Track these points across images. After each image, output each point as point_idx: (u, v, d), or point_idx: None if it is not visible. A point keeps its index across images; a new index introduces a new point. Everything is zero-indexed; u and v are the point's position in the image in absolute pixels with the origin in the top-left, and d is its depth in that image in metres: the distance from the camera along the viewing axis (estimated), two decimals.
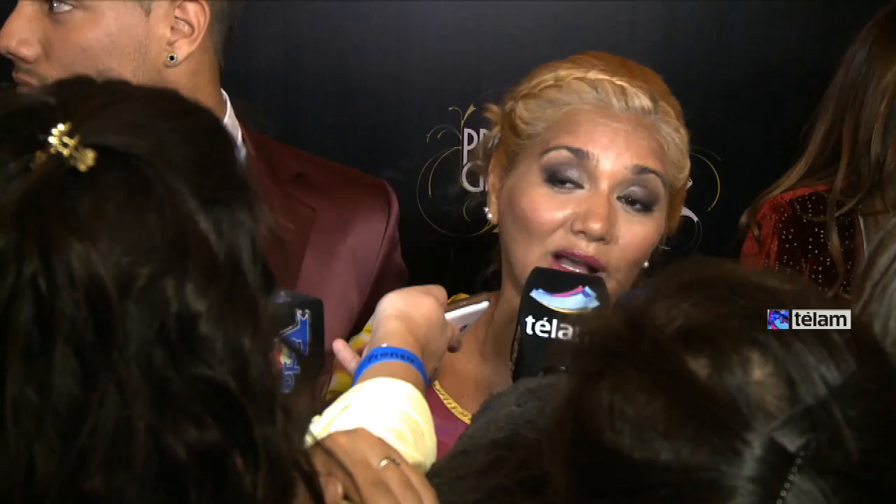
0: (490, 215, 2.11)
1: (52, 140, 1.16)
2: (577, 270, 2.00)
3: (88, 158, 1.15)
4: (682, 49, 3.03)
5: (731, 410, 1.15)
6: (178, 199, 1.17)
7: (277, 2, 2.18)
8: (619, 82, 2.03)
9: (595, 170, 2.01)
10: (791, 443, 1.14)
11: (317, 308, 1.79)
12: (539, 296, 1.87)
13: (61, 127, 1.16)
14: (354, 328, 2.17)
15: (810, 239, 2.79)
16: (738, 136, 3.06)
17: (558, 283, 1.89)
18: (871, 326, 1.32)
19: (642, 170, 2.02)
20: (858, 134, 2.74)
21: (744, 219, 2.86)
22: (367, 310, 2.17)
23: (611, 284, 2.00)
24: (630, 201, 2.03)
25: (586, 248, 1.99)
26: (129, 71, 2.03)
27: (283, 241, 1.27)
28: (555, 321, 1.85)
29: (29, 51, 2.01)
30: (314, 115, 2.93)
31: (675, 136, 2.06)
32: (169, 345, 1.15)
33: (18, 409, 1.13)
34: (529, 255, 2.02)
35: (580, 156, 2.01)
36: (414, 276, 2.00)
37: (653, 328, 1.19)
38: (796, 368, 1.16)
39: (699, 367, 1.17)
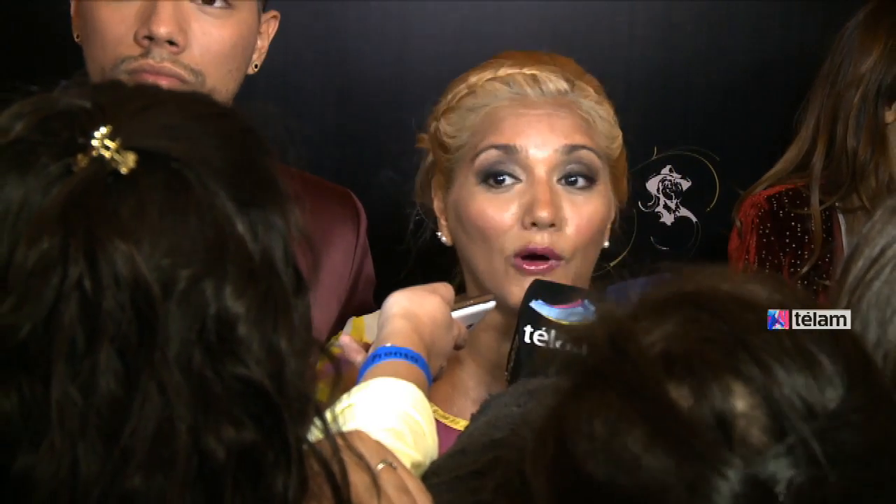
0: (444, 238, 2.10)
1: (94, 143, 1.17)
2: (528, 246, 2.00)
3: (130, 161, 1.16)
4: (681, 49, 3.03)
5: (712, 444, 1.13)
6: (216, 201, 1.18)
7: (276, 3, 2.19)
8: (528, 71, 2.03)
9: (527, 160, 2.00)
10: (773, 479, 1.12)
11: None
12: (538, 306, 1.88)
13: (103, 130, 1.17)
14: (329, 337, 2.18)
15: (787, 233, 2.79)
16: (736, 137, 3.06)
17: (558, 295, 1.89)
18: (863, 340, 1.29)
19: (572, 148, 2.01)
20: (836, 125, 2.74)
21: (733, 215, 2.86)
22: (341, 319, 2.20)
23: (571, 270, 2.00)
24: (570, 181, 2.01)
25: (542, 239, 1.98)
26: (242, 72, 2.11)
27: (312, 243, 1.28)
28: (553, 331, 1.85)
29: (183, 38, 2.03)
30: (313, 117, 2.94)
31: (599, 109, 2.06)
32: (208, 346, 1.16)
33: (63, 410, 1.13)
34: (492, 263, 2.01)
35: (509, 151, 2.01)
36: (412, 278, 2.00)
37: (635, 350, 1.17)
38: (779, 401, 1.14)
39: (681, 396, 1.14)
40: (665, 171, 3.06)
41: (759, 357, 1.15)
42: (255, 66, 2.16)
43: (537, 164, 2.00)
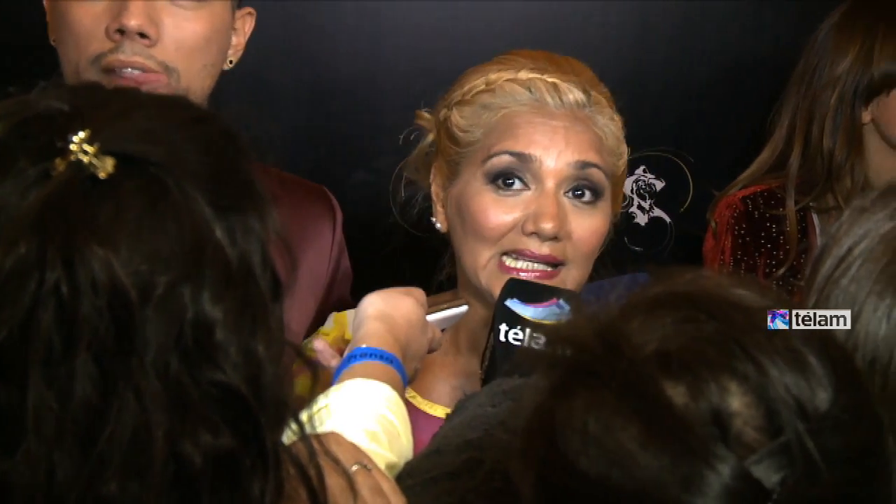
0: (438, 224, 2.12)
1: (73, 147, 1.16)
2: (521, 267, 2.00)
3: (108, 165, 1.15)
4: (655, 50, 3.04)
5: (708, 441, 1.14)
6: (194, 206, 1.17)
7: (249, 2, 2.18)
8: (550, 79, 2.05)
9: (539, 170, 2.02)
10: (768, 478, 1.14)
11: None
12: (513, 305, 1.89)
13: (81, 134, 1.16)
14: (307, 336, 2.18)
15: (762, 234, 2.80)
16: (710, 137, 3.07)
17: (533, 293, 1.90)
18: (847, 346, 1.30)
19: (584, 164, 2.03)
20: (812, 126, 2.75)
21: (707, 216, 2.87)
22: (319, 317, 2.20)
23: (570, 277, 2.02)
24: (577, 195, 2.04)
25: (539, 248, 2.01)
26: (217, 68, 2.11)
27: (290, 245, 1.27)
28: (528, 330, 1.86)
29: (154, 31, 2.02)
30: (287, 115, 2.93)
31: (611, 125, 2.08)
32: (186, 352, 1.15)
33: (39, 416, 1.12)
34: (479, 259, 2.03)
35: (522, 159, 2.02)
36: (387, 278, 2.00)
37: (629, 349, 1.18)
38: (774, 399, 1.15)
39: (676, 394, 1.16)
40: (639, 171, 3.06)
41: (754, 356, 1.17)
42: (230, 62, 2.16)
43: (548, 175, 2.02)
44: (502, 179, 2.03)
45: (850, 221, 1.43)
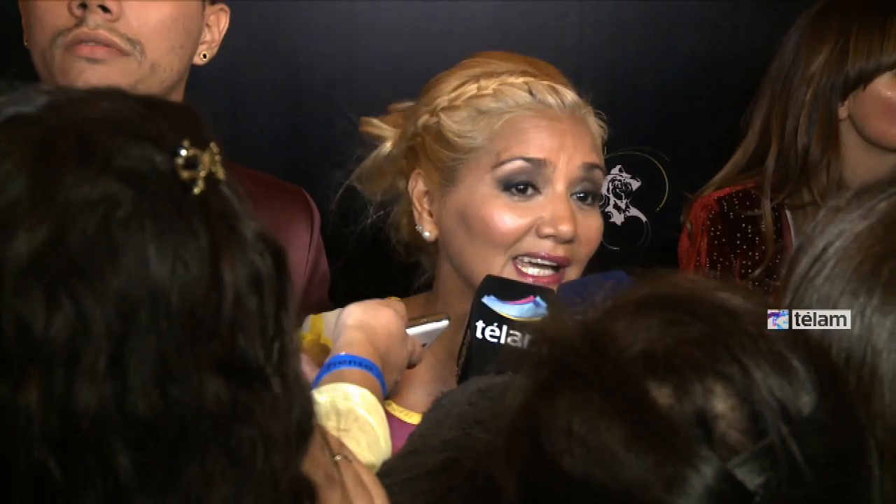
0: (426, 232, 2.11)
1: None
2: (535, 273, 2.02)
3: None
4: (631, 50, 3.04)
5: (692, 442, 1.14)
6: None
7: (226, 2, 2.18)
8: (543, 81, 2.06)
9: (552, 175, 2.04)
10: (751, 480, 1.14)
11: None
12: (490, 302, 1.88)
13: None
14: None
15: (738, 235, 2.81)
16: (686, 137, 3.08)
17: (510, 291, 1.91)
18: (830, 350, 1.31)
19: (590, 166, 2.06)
20: (786, 124, 2.77)
21: (682, 217, 2.88)
22: (297, 318, 2.19)
23: (569, 277, 2.04)
24: (582, 197, 2.06)
25: (553, 249, 2.02)
26: (187, 53, 2.12)
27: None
28: (505, 327, 1.86)
29: (116, 6, 2.03)
30: (263, 117, 2.93)
31: (598, 124, 2.12)
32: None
33: None
34: (491, 265, 2.03)
35: (536, 164, 2.03)
36: (364, 281, 2.00)
37: (615, 350, 1.19)
38: (758, 402, 1.16)
39: (661, 395, 1.16)
40: (615, 171, 3.07)
41: (739, 359, 1.17)
42: (204, 57, 2.17)
43: (560, 178, 2.04)
44: (516, 186, 2.04)
45: (825, 221, 1.43)
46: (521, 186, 2.04)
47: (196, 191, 1.11)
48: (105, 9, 2.02)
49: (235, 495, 1.10)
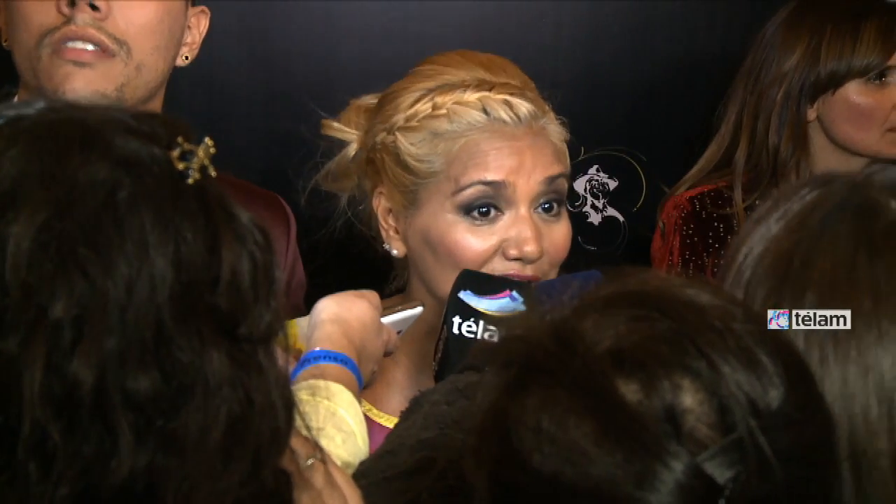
0: (394, 251, 2.09)
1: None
2: (509, 272, 2.01)
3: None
4: (607, 50, 3.05)
5: (661, 437, 1.15)
6: None
7: (206, 4, 2.18)
8: (498, 96, 2.02)
9: (513, 195, 2.01)
10: (720, 474, 1.14)
11: None
12: (467, 297, 1.88)
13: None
14: None
15: (710, 234, 2.81)
16: (663, 137, 3.08)
17: (486, 285, 1.90)
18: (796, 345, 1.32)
19: (551, 179, 2.03)
20: (758, 122, 2.77)
21: (657, 217, 2.88)
22: None
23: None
24: (547, 208, 2.04)
25: (521, 269, 2.01)
26: (171, 54, 2.12)
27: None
28: (481, 322, 1.85)
29: (104, 5, 2.03)
30: (240, 119, 2.92)
31: (559, 129, 2.07)
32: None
33: None
34: None
35: (496, 186, 2.00)
36: (347, 281, 2.00)
37: (583, 346, 1.19)
38: (727, 396, 1.16)
39: (630, 391, 1.16)
40: (592, 170, 3.07)
41: (707, 354, 1.18)
42: (186, 59, 2.17)
43: (521, 198, 2.01)
44: (477, 210, 2.01)
45: (745, 231, 1.45)
46: (483, 210, 2.01)
47: (190, 181, 1.19)
48: (94, 7, 2.02)
49: (225, 458, 1.17)
